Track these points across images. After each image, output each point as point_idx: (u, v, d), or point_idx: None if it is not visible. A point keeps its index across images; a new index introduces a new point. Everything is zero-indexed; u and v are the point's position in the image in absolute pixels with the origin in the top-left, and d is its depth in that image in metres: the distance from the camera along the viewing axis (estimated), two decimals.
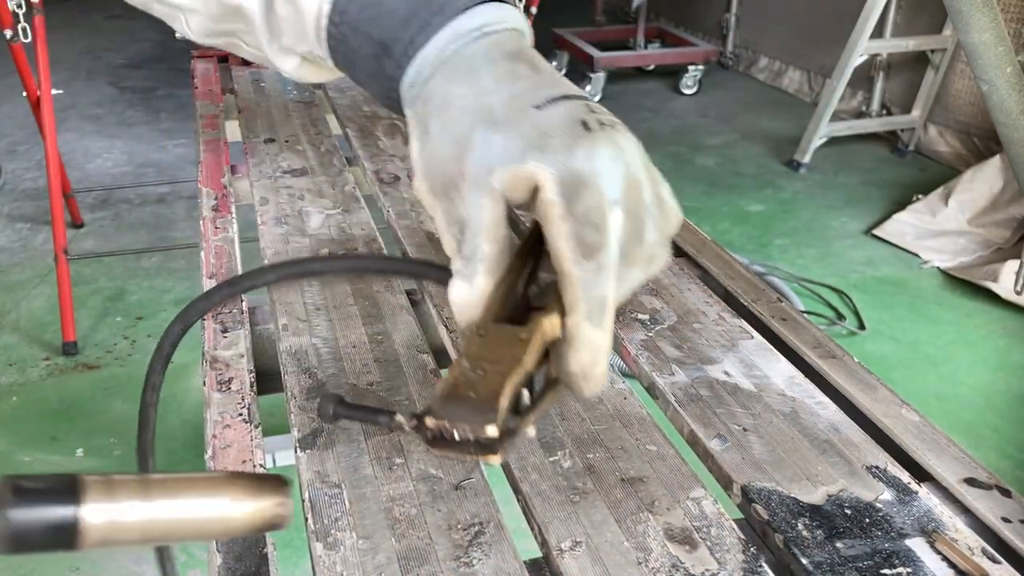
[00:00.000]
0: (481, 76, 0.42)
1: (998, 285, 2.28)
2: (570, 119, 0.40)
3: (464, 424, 0.36)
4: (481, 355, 0.39)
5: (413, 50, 0.43)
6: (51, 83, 2.11)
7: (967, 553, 0.42)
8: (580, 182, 0.39)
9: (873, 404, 0.54)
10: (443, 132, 0.42)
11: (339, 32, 0.44)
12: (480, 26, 0.43)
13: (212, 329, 0.60)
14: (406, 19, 0.43)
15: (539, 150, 0.39)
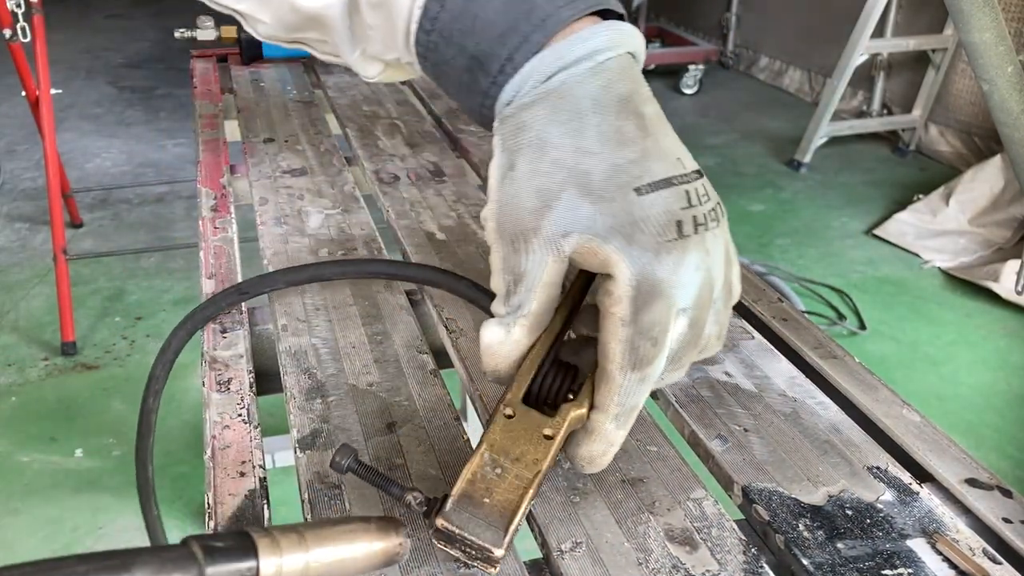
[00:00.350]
0: (586, 128, 0.39)
1: (999, 285, 2.28)
2: (667, 217, 0.38)
3: (473, 538, 0.37)
4: (504, 447, 0.39)
5: (512, 68, 0.40)
6: (50, 83, 2.11)
7: (968, 554, 0.42)
8: (655, 292, 0.38)
9: (874, 404, 0.54)
10: (530, 178, 0.39)
11: (430, 41, 0.42)
12: (592, 52, 0.39)
13: (211, 329, 0.60)
14: (504, 33, 0.39)
15: (627, 240, 0.38)
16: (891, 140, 3.43)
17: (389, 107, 1.08)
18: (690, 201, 0.39)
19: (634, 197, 0.38)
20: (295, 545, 0.33)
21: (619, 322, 0.38)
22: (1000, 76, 0.62)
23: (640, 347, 0.38)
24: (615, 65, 0.40)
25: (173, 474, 1.62)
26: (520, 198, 0.39)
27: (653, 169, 0.39)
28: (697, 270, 0.39)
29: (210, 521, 0.43)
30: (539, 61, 0.39)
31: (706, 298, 0.40)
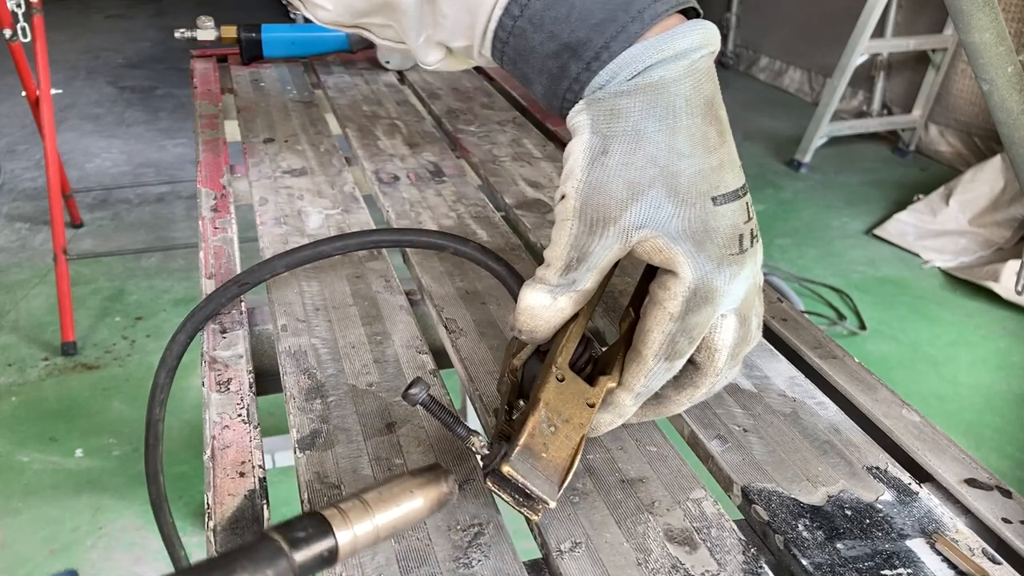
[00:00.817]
0: (679, 129, 0.40)
1: (999, 285, 2.28)
2: (733, 231, 0.42)
3: (533, 487, 0.40)
4: (557, 408, 0.42)
5: (608, 56, 0.41)
6: (50, 83, 2.11)
7: (968, 554, 0.42)
8: (708, 299, 0.41)
9: (874, 405, 0.54)
10: (623, 169, 0.40)
11: (516, 27, 0.42)
12: (687, 50, 0.40)
13: (211, 330, 0.60)
14: (601, 22, 0.41)
15: (697, 246, 0.41)
16: (891, 140, 3.43)
17: (389, 107, 1.08)
18: (749, 214, 0.43)
19: (711, 206, 0.41)
20: (362, 513, 0.35)
21: (668, 316, 0.41)
22: (1000, 76, 0.62)
23: (679, 342, 0.42)
24: (704, 65, 0.41)
25: (173, 474, 1.63)
26: (610, 186, 0.41)
27: (728, 180, 0.42)
28: (747, 279, 0.43)
29: (209, 521, 0.43)
30: (636, 51, 0.40)
31: (752, 300, 0.44)
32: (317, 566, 0.34)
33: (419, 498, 0.38)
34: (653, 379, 0.43)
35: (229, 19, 1.30)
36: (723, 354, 0.43)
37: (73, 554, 1.46)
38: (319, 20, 0.51)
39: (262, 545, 0.32)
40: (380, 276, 0.67)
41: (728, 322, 0.43)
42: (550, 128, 1.02)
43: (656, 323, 0.42)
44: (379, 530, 0.36)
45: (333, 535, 0.34)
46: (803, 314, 0.65)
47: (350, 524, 0.35)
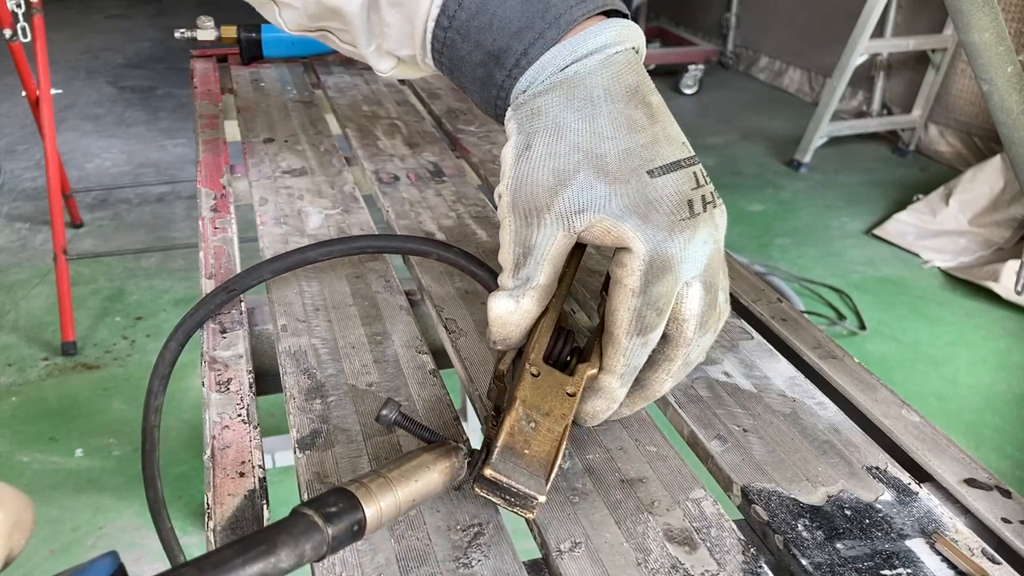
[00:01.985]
0: (599, 115, 0.41)
1: (999, 285, 2.28)
2: (679, 197, 0.41)
3: (519, 485, 0.40)
4: (534, 403, 0.42)
5: (526, 62, 0.42)
6: (50, 83, 2.11)
7: (967, 554, 0.42)
8: (666, 267, 0.41)
9: (873, 405, 0.54)
10: (547, 159, 0.42)
11: (447, 37, 0.44)
12: (602, 47, 0.42)
13: (211, 330, 0.60)
14: (520, 30, 0.42)
15: (642, 219, 0.40)
16: (891, 140, 3.43)
17: (389, 107, 1.09)
18: (698, 181, 0.42)
19: (647, 179, 0.41)
20: (385, 488, 0.37)
21: (630, 292, 0.41)
22: (1000, 76, 0.62)
23: (646, 316, 0.41)
24: (623, 59, 0.42)
25: (173, 474, 1.63)
26: (536, 176, 0.42)
27: (664, 153, 0.42)
28: (706, 244, 0.42)
29: (209, 521, 0.43)
30: (553, 54, 0.42)
31: (716, 266, 0.43)
32: (347, 539, 0.35)
33: (435, 472, 0.39)
34: (632, 357, 0.43)
35: (229, 19, 1.30)
36: (692, 323, 0.43)
37: (73, 554, 1.46)
38: (286, 24, 0.52)
39: (298, 520, 0.34)
40: (380, 276, 0.67)
41: (693, 290, 0.42)
42: None
43: (620, 301, 0.42)
44: (400, 504, 0.37)
45: (361, 509, 0.35)
46: (803, 314, 0.65)
47: (375, 498, 0.36)
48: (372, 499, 0.36)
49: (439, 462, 0.40)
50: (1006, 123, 0.62)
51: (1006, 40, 0.60)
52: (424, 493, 0.39)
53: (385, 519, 0.37)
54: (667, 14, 5.01)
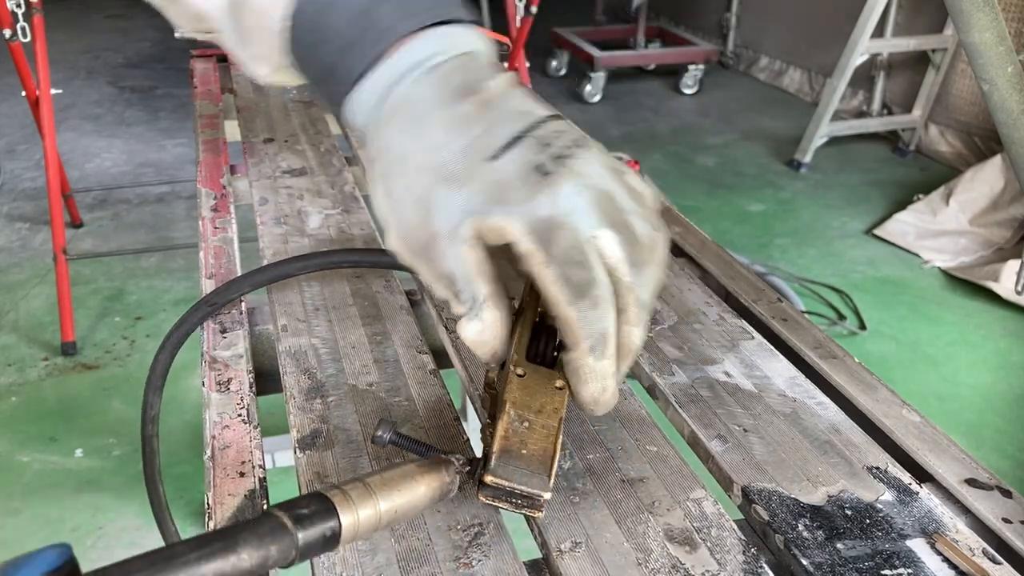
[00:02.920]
0: (430, 127, 0.41)
1: (999, 285, 2.28)
2: (525, 167, 0.40)
3: (521, 487, 0.39)
4: (525, 403, 0.42)
5: (354, 80, 0.42)
6: (50, 82, 2.11)
7: (968, 554, 0.42)
8: (551, 227, 0.39)
9: (874, 404, 0.54)
10: (406, 192, 0.41)
11: (295, 51, 0.44)
12: (422, 60, 0.42)
13: (211, 330, 0.60)
14: (348, 45, 0.42)
15: (501, 203, 0.39)
16: (891, 140, 3.43)
17: None
18: (544, 143, 0.41)
19: (490, 165, 0.40)
20: (366, 497, 0.35)
21: (541, 267, 0.39)
22: (1000, 76, 0.62)
23: (572, 275, 0.39)
24: (448, 65, 0.42)
25: (173, 474, 1.63)
26: (407, 216, 0.41)
27: (499, 134, 0.41)
28: (578, 193, 0.40)
29: (209, 521, 0.43)
30: (377, 75, 0.42)
31: (610, 208, 0.41)
32: (319, 547, 0.33)
33: (421, 485, 0.38)
34: (590, 323, 0.40)
35: None
36: (622, 267, 0.41)
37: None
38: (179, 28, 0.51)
39: (265, 520, 0.32)
40: (380, 276, 0.67)
41: (603, 237, 0.40)
42: None
43: (542, 281, 0.40)
44: (381, 515, 0.36)
45: (337, 516, 0.34)
46: (803, 314, 0.65)
47: (353, 506, 0.35)
48: (350, 507, 0.34)
49: (427, 475, 0.39)
50: (1006, 123, 0.62)
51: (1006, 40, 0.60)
52: (408, 506, 0.37)
53: (363, 530, 0.35)
54: (667, 14, 5.01)
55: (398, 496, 0.37)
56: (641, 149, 3.30)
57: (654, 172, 3.07)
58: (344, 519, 0.34)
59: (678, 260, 0.72)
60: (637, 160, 2.78)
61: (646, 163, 3.12)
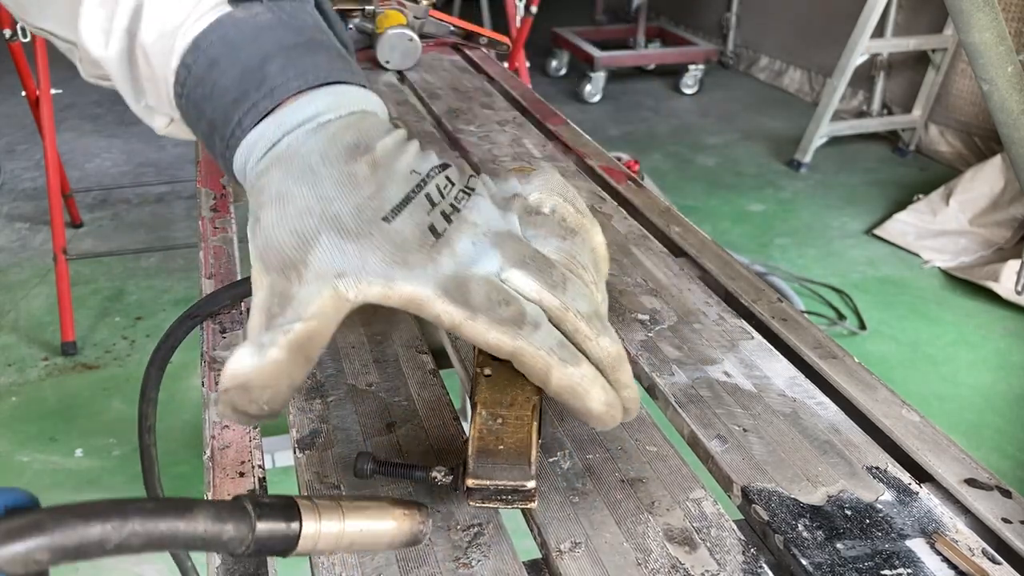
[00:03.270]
0: (321, 180, 0.39)
1: (999, 285, 2.28)
2: (419, 230, 0.39)
3: (504, 482, 0.39)
4: (495, 400, 0.42)
5: (241, 132, 0.41)
6: (50, 82, 2.11)
7: (968, 554, 0.42)
8: (460, 282, 0.39)
9: (874, 404, 0.54)
10: (280, 223, 0.39)
11: (182, 104, 0.43)
12: (312, 116, 0.41)
13: (211, 330, 0.60)
14: (235, 100, 0.41)
15: (404, 267, 0.38)
16: (891, 140, 3.43)
17: (389, 107, 1.08)
18: (432, 201, 0.41)
19: (386, 227, 0.39)
20: (333, 513, 0.35)
21: (469, 322, 0.39)
22: (1000, 76, 0.62)
23: (500, 313, 0.39)
24: (340, 123, 0.41)
25: (173, 474, 1.63)
26: (276, 238, 0.39)
27: (391, 195, 0.40)
28: (475, 242, 0.40)
29: None
30: (264, 128, 0.41)
31: (510, 244, 0.41)
32: (275, 545, 0.33)
33: (392, 521, 0.37)
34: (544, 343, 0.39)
35: None
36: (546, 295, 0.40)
37: None
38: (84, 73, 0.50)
39: (230, 502, 0.32)
40: None
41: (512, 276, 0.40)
42: (550, 128, 1.02)
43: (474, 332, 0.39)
44: (343, 536, 0.35)
45: (300, 521, 0.34)
46: (803, 314, 0.65)
47: (318, 519, 0.34)
48: (315, 518, 0.34)
49: (402, 516, 0.38)
50: (1006, 123, 0.62)
51: (1006, 40, 0.60)
52: (373, 535, 0.36)
53: (322, 545, 0.35)
54: (667, 14, 5.02)
55: (365, 525, 0.36)
56: (641, 149, 3.30)
57: (654, 172, 3.07)
58: (306, 526, 0.34)
59: (678, 260, 0.72)
60: (637, 160, 2.78)
61: (646, 163, 3.12)
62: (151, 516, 0.29)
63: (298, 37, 0.43)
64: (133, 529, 0.29)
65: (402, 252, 0.39)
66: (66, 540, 0.27)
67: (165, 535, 0.30)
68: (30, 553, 0.27)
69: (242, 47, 0.41)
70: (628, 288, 0.66)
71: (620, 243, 0.73)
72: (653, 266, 0.70)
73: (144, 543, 0.29)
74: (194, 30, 0.41)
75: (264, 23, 0.42)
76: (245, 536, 0.32)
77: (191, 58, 0.41)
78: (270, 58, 0.41)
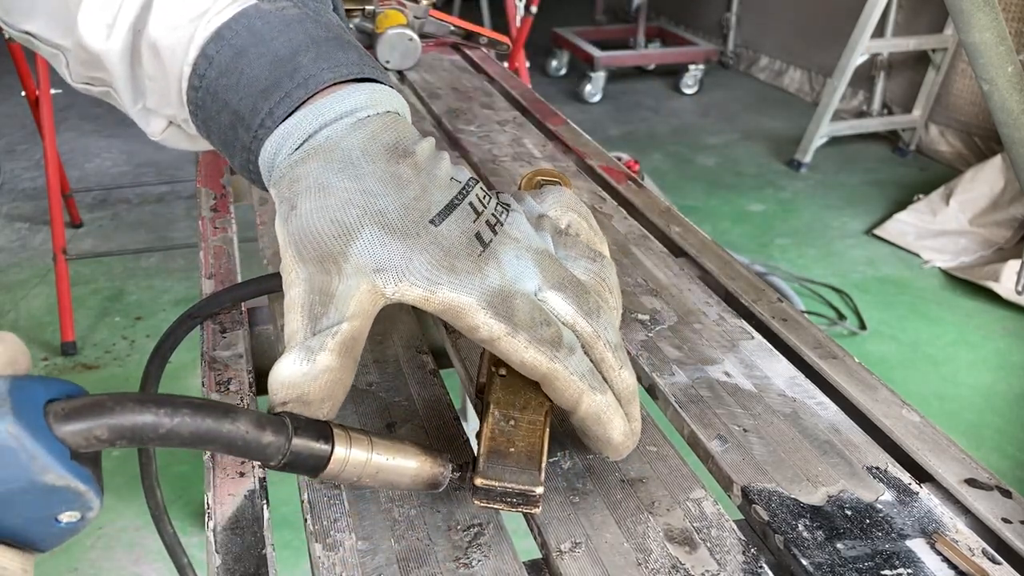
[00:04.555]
0: (364, 175, 0.39)
1: (999, 285, 2.28)
2: (466, 237, 0.39)
3: (512, 485, 0.40)
4: (509, 402, 0.42)
5: (271, 122, 0.40)
6: (50, 82, 2.11)
7: (968, 554, 0.42)
8: (505, 295, 0.39)
9: (874, 404, 0.54)
10: (322, 212, 0.38)
11: (198, 97, 0.42)
12: (352, 110, 0.40)
13: (211, 330, 0.60)
14: (266, 89, 0.40)
15: (450, 273, 0.38)
16: (891, 140, 3.43)
17: None
18: (476, 210, 0.41)
19: (434, 229, 0.39)
20: (362, 443, 0.37)
21: (509, 338, 0.39)
22: (1000, 76, 0.62)
23: (543, 335, 0.39)
24: (378, 121, 0.41)
25: (173, 474, 1.63)
26: (315, 227, 0.38)
27: (436, 199, 0.40)
28: (519, 258, 0.41)
29: (209, 521, 0.43)
30: (299, 118, 0.40)
31: (549, 265, 0.42)
32: (305, 461, 0.35)
33: (415, 461, 0.39)
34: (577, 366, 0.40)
35: None
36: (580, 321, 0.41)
37: (73, 554, 1.46)
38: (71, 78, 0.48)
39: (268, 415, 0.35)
40: None
41: (550, 299, 0.41)
42: (550, 128, 1.02)
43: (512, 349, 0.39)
44: (368, 464, 0.37)
45: (332, 443, 0.36)
46: (803, 314, 0.65)
47: (349, 445, 0.37)
48: (345, 443, 0.37)
49: (425, 457, 0.39)
50: (1007, 123, 0.62)
51: (1006, 40, 0.60)
52: (397, 470, 0.38)
53: (349, 470, 0.37)
54: (667, 14, 5.02)
55: (392, 458, 0.38)
56: (641, 149, 3.30)
57: (654, 172, 3.07)
58: (337, 450, 0.36)
59: (678, 260, 0.72)
60: (637, 160, 2.78)
61: (646, 163, 3.12)
62: (199, 412, 0.31)
63: (327, 32, 0.42)
64: (183, 420, 0.31)
65: (450, 258, 0.39)
66: (123, 421, 0.30)
67: (211, 430, 0.32)
68: (91, 430, 0.29)
69: (271, 38, 0.41)
70: (628, 288, 0.66)
71: (620, 243, 0.73)
72: (653, 266, 0.70)
73: (191, 435, 0.31)
74: (217, 21, 0.41)
75: (292, 16, 0.42)
76: (282, 446, 0.34)
77: (213, 48, 0.41)
78: (302, 49, 0.41)
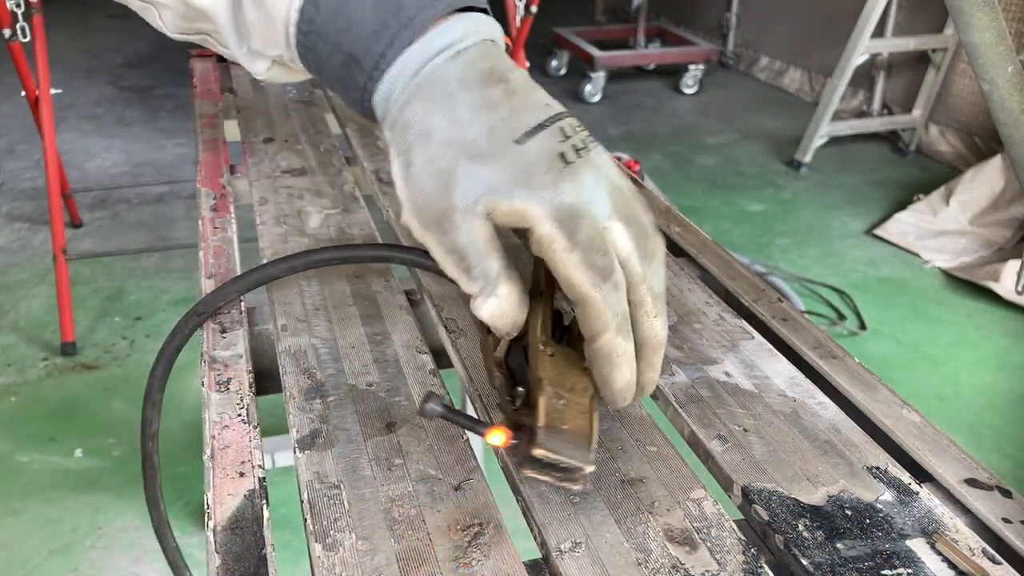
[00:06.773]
0: (457, 105, 0.42)
1: (999, 285, 2.28)
2: (549, 155, 0.42)
3: (568, 459, 0.41)
4: (559, 381, 0.44)
5: (385, 64, 0.43)
6: (50, 82, 2.11)
7: (968, 554, 0.42)
8: (575, 214, 0.41)
9: (874, 404, 0.54)
10: (427, 166, 0.42)
11: (308, 40, 0.44)
12: (452, 43, 0.43)
13: (211, 329, 0.60)
14: (376, 31, 0.43)
15: (526, 187, 0.41)
16: (891, 140, 3.43)
17: None
18: (566, 134, 0.43)
19: (516, 148, 0.42)
20: None
21: (564, 252, 0.41)
22: (1000, 76, 0.62)
23: (595, 260, 0.41)
24: (475, 50, 0.44)
25: (173, 474, 1.63)
26: (425, 187, 0.43)
27: (525, 120, 0.42)
28: (598, 183, 0.42)
29: (209, 521, 0.43)
30: (408, 57, 0.43)
31: (622, 201, 0.43)
32: None
33: None
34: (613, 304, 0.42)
35: None
36: (634, 258, 0.42)
37: (73, 554, 1.46)
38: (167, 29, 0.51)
39: None
40: (380, 276, 0.67)
41: (616, 228, 0.42)
42: None
43: (564, 266, 0.41)
44: None
45: None
46: (803, 314, 0.65)
47: None
48: None
49: None
50: (1007, 123, 0.62)
51: (1006, 40, 0.60)
52: None
53: None
54: (667, 14, 5.01)
55: None
56: (641, 149, 3.30)
57: (654, 172, 3.07)
58: None
59: (678, 260, 0.72)
60: (637, 160, 2.78)
61: (646, 163, 3.12)
62: None
63: None
64: None
65: (527, 173, 0.41)
66: None
67: None
68: None
69: None
70: None
71: None
72: None
73: None
74: None
75: None
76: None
77: None
78: None
